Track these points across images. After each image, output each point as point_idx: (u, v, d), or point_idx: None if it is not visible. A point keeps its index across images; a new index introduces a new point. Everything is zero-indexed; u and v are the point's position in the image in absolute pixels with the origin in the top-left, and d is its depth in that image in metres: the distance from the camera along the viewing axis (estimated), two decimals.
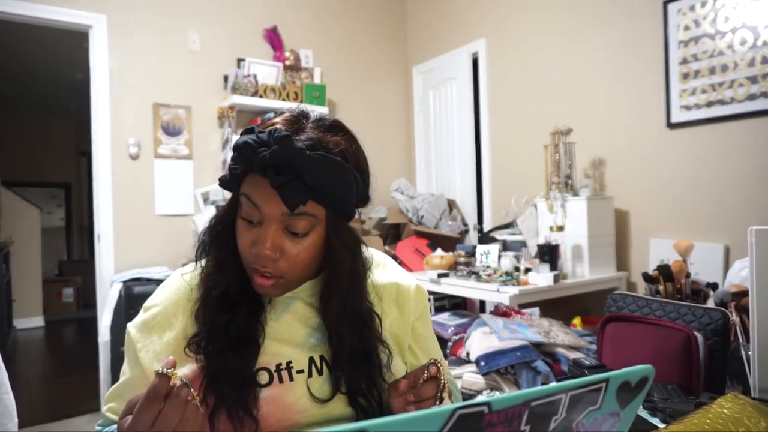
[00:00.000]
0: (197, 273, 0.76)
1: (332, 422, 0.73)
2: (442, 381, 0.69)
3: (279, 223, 0.69)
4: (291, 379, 0.73)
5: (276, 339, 0.74)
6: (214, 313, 0.72)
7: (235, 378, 0.69)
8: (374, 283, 0.83)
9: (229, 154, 3.33)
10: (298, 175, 0.66)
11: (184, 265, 0.83)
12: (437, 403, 0.69)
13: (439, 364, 0.69)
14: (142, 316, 0.76)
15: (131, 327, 0.75)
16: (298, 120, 0.73)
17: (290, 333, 0.76)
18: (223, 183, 0.73)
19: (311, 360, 0.75)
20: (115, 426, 0.67)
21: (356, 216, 0.75)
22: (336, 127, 0.74)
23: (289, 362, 0.74)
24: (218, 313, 0.72)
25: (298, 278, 0.75)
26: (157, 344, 0.72)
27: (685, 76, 2.47)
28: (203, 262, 0.76)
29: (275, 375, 0.72)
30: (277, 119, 0.74)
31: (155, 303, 0.76)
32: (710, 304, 1.41)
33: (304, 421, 0.72)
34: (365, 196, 0.76)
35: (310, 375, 0.74)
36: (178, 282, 0.78)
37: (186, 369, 0.70)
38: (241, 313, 0.72)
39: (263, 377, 0.72)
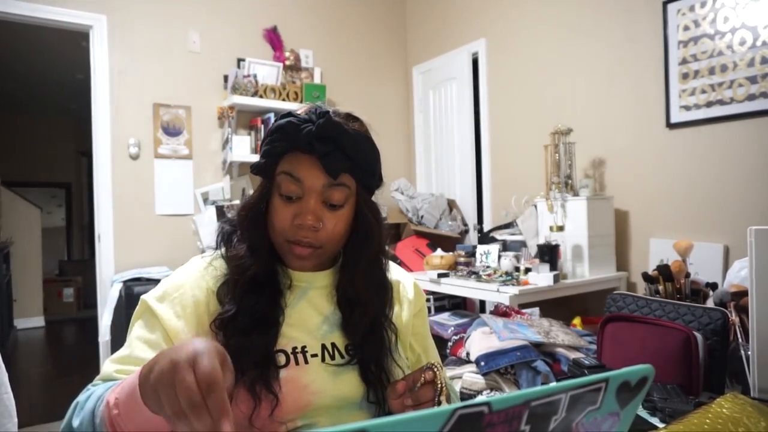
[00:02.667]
0: (218, 258, 0.81)
1: (345, 404, 0.76)
2: (440, 385, 0.71)
3: (318, 195, 0.76)
4: (306, 362, 0.76)
5: (291, 324, 0.78)
6: (243, 294, 0.75)
7: (257, 356, 0.72)
8: None
9: (229, 154, 3.35)
10: (339, 146, 0.74)
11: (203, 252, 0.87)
12: (435, 407, 0.70)
13: (436, 369, 0.71)
14: (161, 288, 0.77)
15: (149, 298, 0.76)
16: (320, 108, 0.79)
17: (304, 320, 0.80)
18: (258, 168, 0.79)
19: (323, 347, 0.78)
20: (115, 382, 0.66)
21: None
22: (352, 115, 0.82)
23: (303, 346, 0.77)
24: (247, 293, 0.75)
25: (332, 250, 0.81)
26: (180, 312, 0.74)
27: (685, 77, 2.47)
28: (223, 250, 0.82)
29: (291, 357, 0.75)
30: (300, 110, 0.79)
31: (175, 278, 0.79)
32: (710, 304, 1.41)
33: (318, 402, 0.74)
34: (381, 175, 0.84)
35: (323, 359, 0.77)
36: (199, 263, 0.81)
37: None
38: (265, 295, 0.77)
39: (281, 359, 0.75)
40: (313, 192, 0.76)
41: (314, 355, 0.77)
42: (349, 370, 0.78)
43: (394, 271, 0.92)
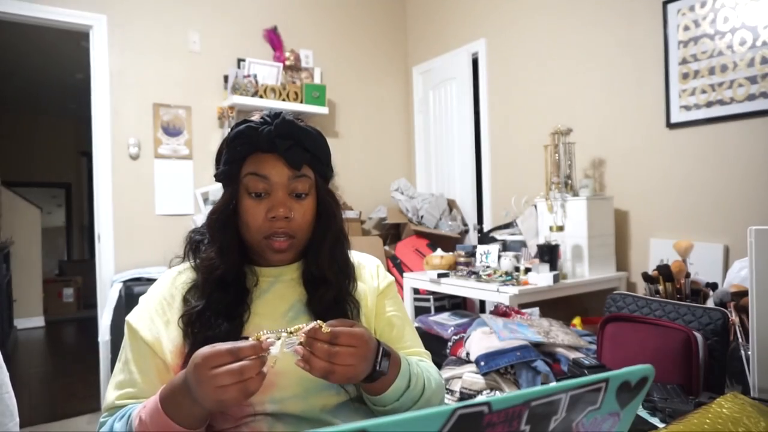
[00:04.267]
0: (188, 269, 0.88)
1: (311, 384, 0.79)
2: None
3: (285, 188, 0.83)
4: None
5: (257, 314, 0.84)
6: (211, 291, 0.82)
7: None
8: None
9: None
10: (297, 141, 0.83)
11: (176, 257, 0.94)
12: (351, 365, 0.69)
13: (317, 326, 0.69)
14: (139, 306, 0.86)
15: (130, 317, 0.84)
16: (275, 114, 0.86)
17: (271, 309, 0.86)
18: (222, 176, 0.86)
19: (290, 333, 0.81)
20: (133, 408, 0.74)
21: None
22: (299, 118, 0.88)
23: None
24: (214, 292, 0.82)
25: (303, 238, 0.87)
26: (159, 323, 0.82)
27: (685, 77, 2.47)
28: (192, 260, 0.88)
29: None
30: (254, 117, 0.86)
31: (151, 293, 0.87)
32: (710, 304, 1.41)
33: (283, 383, 0.78)
34: (332, 166, 0.92)
35: None
36: (171, 273, 0.89)
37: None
38: (232, 293, 0.83)
39: None
40: (280, 186, 0.83)
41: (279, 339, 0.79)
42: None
43: (356, 256, 0.98)
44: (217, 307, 0.80)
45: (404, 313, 0.98)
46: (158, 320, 0.82)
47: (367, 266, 0.98)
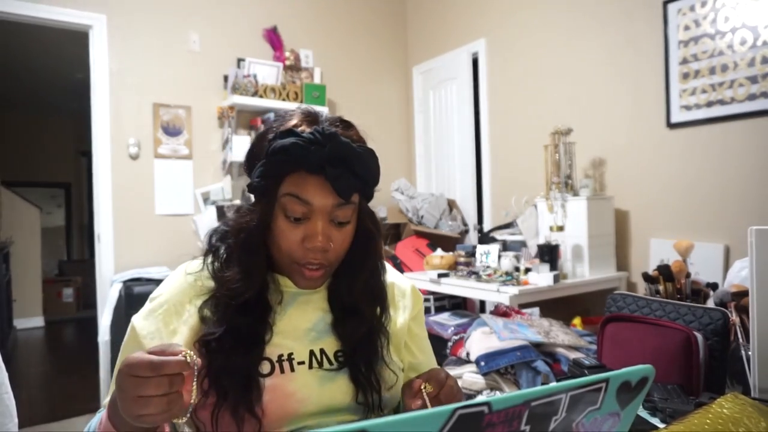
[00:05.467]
0: (204, 271, 0.79)
1: (331, 410, 0.75)
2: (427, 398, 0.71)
3: (326, 216, 0.74)
4: (292, 369, 0.75)
5: (279, 332, 0.77)
6: (233, 317, 0.73)
7: (240, 377, 0.70)
8: None
9: (230, 154, 3.35)
10: (349, 167, 0.72)
11: (194, 258, 0.84)
12: None
13: (424, 391, 0.70)
14: (146, 307, 0.78)
15: (136, 319, 0.77)
16: (315, 119, 0.76)
17: (293, 326, 0.78)
18: (258, 189, 0.74)
19: (311, 353, 0.77)
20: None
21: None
22: (348, 122, 0.79)
23: (290, 354, 0.76)
24: (236, 317, 0.73)
25: (337, 264, 0.79)
26: (164, 333, 0.74)
27: (685, 76, 2.47)
28: (210, 263, 0.79)
29: (276, 365, 0.74)
30: (294, 119, 0.76)
31: (161, 293, 0.78)
32: (710, 304, 1.41)
33: (304, 410, 0.73)
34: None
35: (310, 367, 0.76)
36: (183, 278, 0.80)
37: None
38: (254, 315, 0.75)
39: (265, 367, 0.74)
40: (322, 213, 0.73)
41: (301, 363, 0.76)
42: (337, 375, 0.77)
43: (390, 274, 0.91)
44: (238, 333, 0.72)
45: (425, 328, 0.95)
46: (164, 330, 0.75)
47: (398, 285, 0.91)
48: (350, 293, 0.80)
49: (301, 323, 0.79)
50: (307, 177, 0.72)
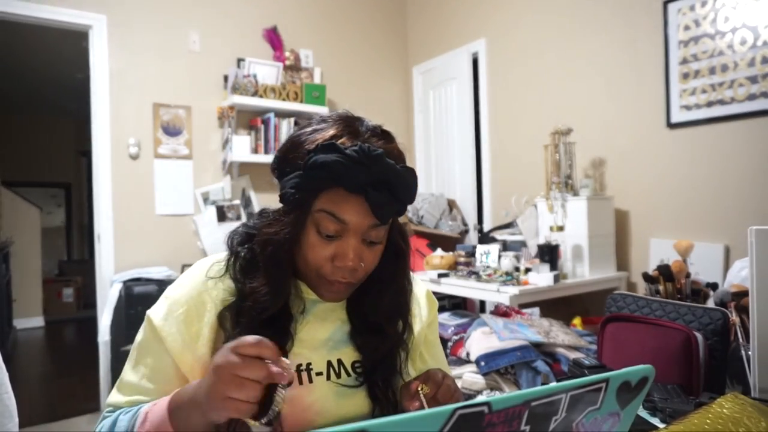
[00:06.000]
0: (226, 275, 0.76)
1: (348, 423, 0.74)
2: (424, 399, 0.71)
3: (360, 235, 0.72)
4: (310, 380, 0.74)
5: (299, 340, 0.75)
6: (257, 329, 0.70)
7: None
8: None
9: (229, 154, 3.35)
10: (391, 191, 0.69)
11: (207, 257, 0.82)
12: None
13: (421, 392, 0.71)
14: (165, 304, 0.74)
15: (154, 315, 0.73)
16: (356, 130, 0.73)
17: (311, 336, 0.77)
18: (291, 201, 0.71)
19: (329, 363, 0.76)
20: (139, 408, 0.68)
21: None
22: (388, 133, 0.77)
23: (309, 364, 0.75)
24: (260, 329, 0.70)
25: (363, 281, 0.77)
26: (185, 334, 0.72)
27: (685, 76, 2.47)
28: (232, 264, 0.76)
29: (295, 376, 0.73)
30: (332, 129, 0.72)
31: (179, 294, 0.75)
32: (710, 304, 1.41)
33: (321, 422, 0.72)
34: None
35: (328, 378, 0.75)
36: (203, 280, 0.76)
37: None
38: (278, 326, 0.73)
39: None
40: (356, 233, 0.71)
41: (319, 374, 0.75)
42: (355, 389, 0.77)
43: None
44: None
45: (438, 335, 0.95)
46: (186, 332, 0.72)
47: (414, 294, 0.89)
48: (375, 312, 0.78)
49: (319, 333, 0.78)
50: (346, 195, 0.69)
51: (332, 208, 0.69)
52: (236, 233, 0.79)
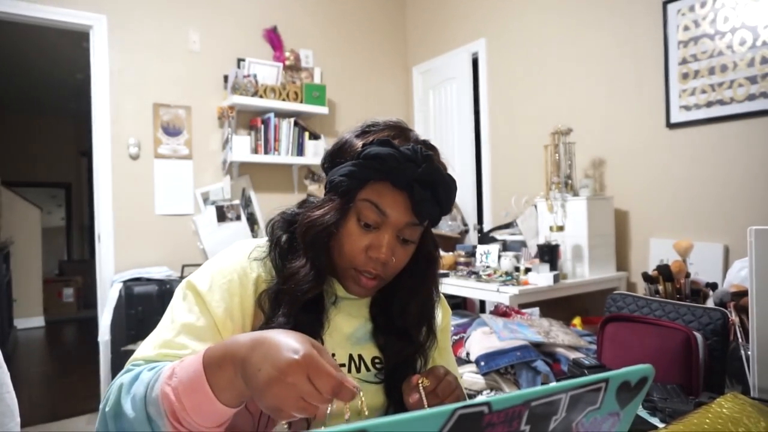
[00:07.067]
0: (266, 257, 0.78)
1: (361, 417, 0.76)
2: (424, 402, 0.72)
3: (396, 230, 0.75)
4: None
5: (327, 333, 0.78)
6: (298, 313, 0.73)
7: None
8: None
9: (229, 154, 3.35)
10: (434, 193, 0.75)
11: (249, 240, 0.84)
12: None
13: (421, 384, 0.72)
14: (208, 273, 0.75)
15: (197, 281, 0.74)
16: (408, 137, 0.79)
17: (337, 328, 0.79)
18: (339, 187, 0.74)
19: (351, 357, 0.79)
20: (158, 366, 0.65)
21: None
22: (434, 146, 0.81)
23: (332, 354, 0.77)
24: (300, 313, 0.73)
25: (389, 280, 0.79)
26: (229, 302, 0.73)
27: (685, 77, 2.47)
28: (273, 248, 0.78)
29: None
30: (386, 131, 0.78)
31: (224, 266, 0.76)
32: (710, 304, 1.41)
33: (336, 412, 0.72)
34: None
35: (349, 371, 0.78)
36: (245, 258, 0.78)
37: None
38: (315, 313, 0.76)
39: None
40: (393, 227, 0.75)
41: (341, 365, 0.77)
42: (374, 386, 0.79)
43: None
44: (302, 330, 0.68)
45: (449, 339, 0.97)
46: (229, 300, 0.73)
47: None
48: (403, 317, 0.81)
49: (343, 327, 0.80)
50: (391, 190, 0.73)
51: (376, 198, 0.73)
52: (275, 221, 0.81)
